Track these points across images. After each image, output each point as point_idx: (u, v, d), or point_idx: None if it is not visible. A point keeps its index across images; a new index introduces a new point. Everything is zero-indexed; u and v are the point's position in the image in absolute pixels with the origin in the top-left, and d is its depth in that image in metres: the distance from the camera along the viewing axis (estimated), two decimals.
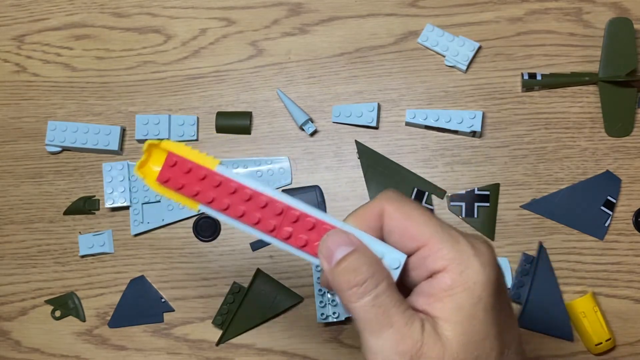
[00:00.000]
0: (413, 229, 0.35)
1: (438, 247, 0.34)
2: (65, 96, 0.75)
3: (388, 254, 0.36)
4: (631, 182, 0.70)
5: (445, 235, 0.35)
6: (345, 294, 0.35)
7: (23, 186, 0.74)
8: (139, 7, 0.76)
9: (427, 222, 0.35)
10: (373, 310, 0.34)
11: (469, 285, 0.34)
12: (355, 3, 0.74)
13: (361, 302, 0.34)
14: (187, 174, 0.38)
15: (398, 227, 0.35)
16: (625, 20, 0.69)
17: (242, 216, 0.38)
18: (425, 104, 0.72)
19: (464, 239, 0.35)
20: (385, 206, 0.36)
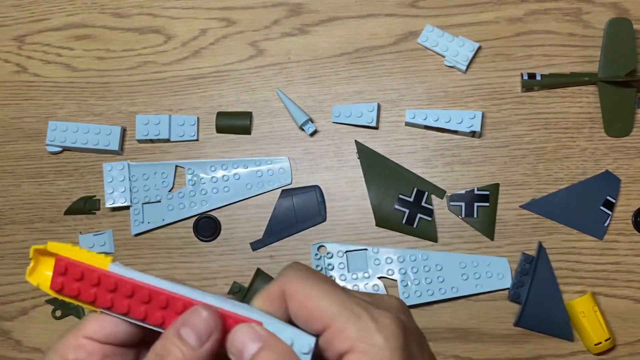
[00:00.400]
0: (316, 311, 0.34)
1: (342, 327, 0.33)
2: (65, 96, 0.75)
3: (297, 338, 0.34)
4: (630, 182, 0.70)
5: (347, 313, 0.33)
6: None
7: (24, 186, 0.74)
8: (140, 8, 0.76)
9: (329, 301, 0.34)
10: None
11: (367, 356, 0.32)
12: (355, 3, 0.74)
13: None
14: (80, 280, 0.36)
15: (301, 309, 0.34)
16: (625, 21, 0.69)
17: (145, 318, 0.35)
18: (425, 104, 0.72)
19: (366, 314, 0.34)
20: (287, 286, 0.35)
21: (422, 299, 0.68)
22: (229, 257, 0.71)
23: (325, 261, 0.69)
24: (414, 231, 0.70)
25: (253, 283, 0.70)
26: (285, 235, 0.71)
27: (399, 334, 0.33)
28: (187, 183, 0.72)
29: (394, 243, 0.70)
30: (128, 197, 0.71)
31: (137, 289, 0.35)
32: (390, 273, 0.69)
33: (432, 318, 0.69)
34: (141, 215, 0.72)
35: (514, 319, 0.68)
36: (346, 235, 0.71)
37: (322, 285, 0.34)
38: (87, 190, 0.74)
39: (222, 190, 0.72)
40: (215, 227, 0.72)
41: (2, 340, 0.72)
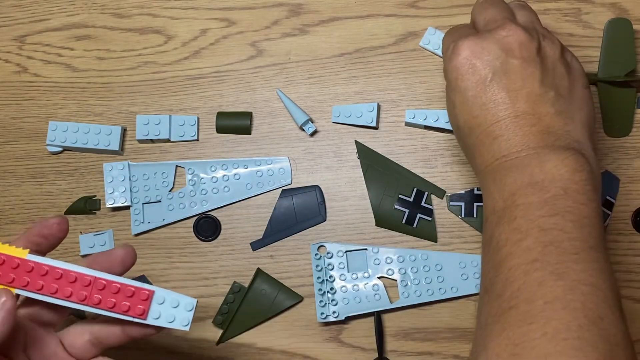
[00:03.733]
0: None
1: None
2: (66, 96, 0.75)
3: (182, 300, 0.48)
4: (630, 182, 0.70)
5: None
6: None
7: (24, 186, 0.74)
8: (140, 8, 0.76)
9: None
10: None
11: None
12: (355, 4, 0.74)
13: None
14: (1, 265, 0.45)
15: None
16: (625, 21, 0.69)
17: (55, 292, 0.45)
18: (425, 104, 0.72)
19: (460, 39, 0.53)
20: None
21: (422, 299, 0.68)
22: (229, 257, 0.71)
23: (325, 261, 0.69)
24: (413, 231, 0.70)
25: (253, 283, 0.70)
26: (285, 235, 0.71)
27: (470, 51, 0.53)
28: (187, 183, 0.72)
29: (393, 243, 0.70)
30: (128, 197, 0.72)
31: (50, 270, 0.45)
32: (390, 273, 0.69)
33: (432, 318, 0.69)
34: (141, 215, 0.72)
35: None
36: (346, 235, 0.71)
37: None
38: (87, 190, 0.74)
39: (222, 190, 0.72)
40: (215, 227, 0.72)
41: None
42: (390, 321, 0.69)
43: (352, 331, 0.69)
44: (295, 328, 0.70)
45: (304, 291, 0.70)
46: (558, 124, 0.49)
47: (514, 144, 0.49)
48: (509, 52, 0.50)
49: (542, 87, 0.50)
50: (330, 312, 0.68)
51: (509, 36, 0.50)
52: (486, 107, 0.50)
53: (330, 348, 0.69)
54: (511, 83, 0.50)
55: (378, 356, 0.68)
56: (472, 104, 0.50)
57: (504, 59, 0.50)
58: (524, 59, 0.50)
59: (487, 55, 0.50)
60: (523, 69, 0.50)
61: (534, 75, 0.50)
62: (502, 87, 0.50)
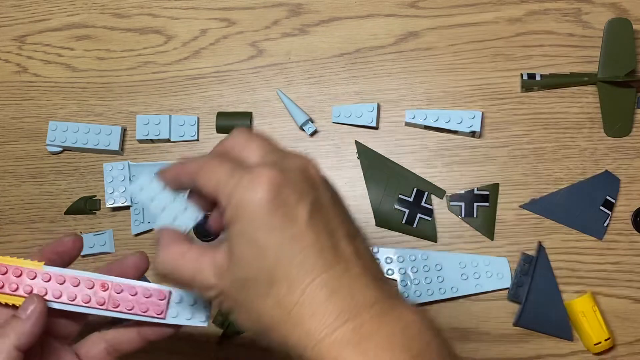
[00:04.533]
0: (211, 183, 0.41)
1: (223, 188, 0.40)
2: (66, 96, 0.75)
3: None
4: (630, 182, 0.70)
5: (228, 174, 0.40)
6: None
7: (24, 186, 0.74)
8: (140, 8, 0.76)
9: (219, 172, 0.41)
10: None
11: (237, 212, 0.39)
12: (355, 3, 0.74)
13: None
14: (19, 277, 0.47)
15: (204, 184, 0.42)
16: (624, 21, 0.69)
17: (74, 299, 0.46)
18: (425, 104, 0.72)
19: (245, 173, 0.40)
20: (196, 169, 0.43)
21: (422, 299, 0.68)
22: None
23: None
24: (413, 231, 0.70)
25: None
26: None
27: (270, 185, 0.39)
28: None
29: (393, 243, 0.70)
30: (128, 197, 0.72)
31: (67, 279, 0.46)
32: (390, 273, 0.69)
33: None
34: (141, 215, 0.72)
35: (514, 318, 0.68)
36: None
37: (217, 161, 0.42)
38: (87, 190, 0.74)
39: None
40: None
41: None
42: None
43: None
44: None
45: None
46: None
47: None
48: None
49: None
50: None
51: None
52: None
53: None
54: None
55: None
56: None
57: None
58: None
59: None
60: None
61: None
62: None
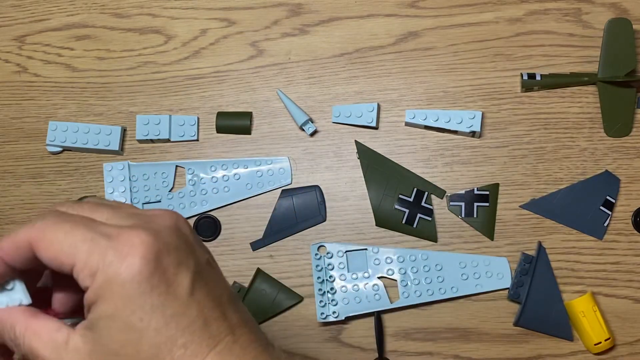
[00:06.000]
0: (60, 253, 0.34)
1: (84, 262, 0.33)
2: (66, 96, 0.75)
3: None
4: (630, 182, 0.70)
5: (89, 247, 0.33)
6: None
7: (24, 186, 0.74)
8: (140, 8, 0.76)
9: (71, 240, 0.34)
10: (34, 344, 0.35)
11: (105, 292, 0.33)
12: (355, 3, 0.74)
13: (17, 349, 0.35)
14: None
15: (48, 254, 0.34)
16: (624, 21, 0.69)
17: None
18: (425, 104, 0.72)
19: (110, 242, 0.33)
20: (32, 235, 0.34)
21: (422, 299, 0.68)
22: (229, 257, 0.71)
23: (325, 261, 0.69)
24: (413, 231, 0.70)
25: (253, 283, 0.70)
26: (285, 235, 0.71)
27: (146, 253, 0.33)
28: (187, 183, 0.72)
29: (394, 243, 0.70)
30: (128, 197, 0.72)
31: None
32: (390, 273, 0.69)
33: (432, 318, 0.69)
34: None
35: (514, 318, 0.68)
36: (346, 235, 0.71)
37: (65, 226, 0.34)
38: (87, 190, 0.74)
39: (222, 190, 0.72)
40: (215, 227, 0.72)
41: None
42: (390, 321, 0.69)
43: (352, 331, 0.69)
44: (295, 328, 0.70)
45: (304, 291, 0.70)
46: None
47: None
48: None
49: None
50: (330, 312, 0.68)
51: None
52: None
53: (330, 348, 0.69)
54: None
55: (378, 356, 0.68)
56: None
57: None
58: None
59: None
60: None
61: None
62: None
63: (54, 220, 0.35)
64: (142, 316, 0.33)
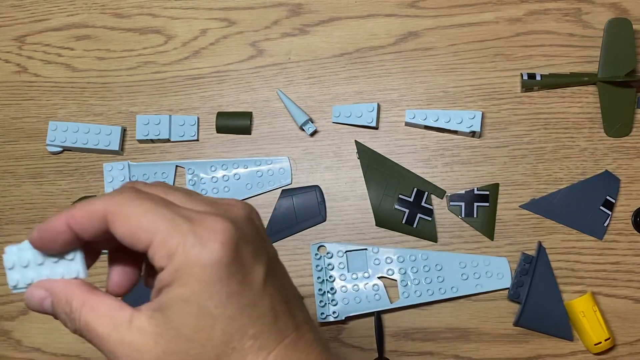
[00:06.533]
0: (137, 229, 0.33)
1: (162, 241, 0.33)
2: (66, 96, 0.75)
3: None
4: (630, 182, 0.70)
5: (168, 227, 0.33)
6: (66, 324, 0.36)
7: (24, 186, 0.74)
8: (140, 8, 0.76)
9: (150, 218, 0.33)
10: (86, 320, 0.34)
11: (181, 275, 0.32)
12: (355, 4, 0.74)
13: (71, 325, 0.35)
14: None
15: (124, 229, 0.34)
16: (624, 21, 0.69)
17: None
18: (425, 104, 0.72)
19: (189, 225, 0.33)
20: (109, 208, 0.34)
21: (422, 299, 0.68)
22: None
23: (325, 261, 0.69)
24: (413, 231, 0.70)
25: None
26: (285, 235, 0.71)
27: (226, 241, 0.33)
28: (187, 183, 0.72)
29: (394, 243, 0.70)
30: None
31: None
32: (390, 273, 0.69)
33: (432, 318, 0.69)
34: None
35: (514, 318, 0.68)
36: (346, 235, 0.71)
37: (145, 203, 0.34)
38: (87, 190, 0.74)
39: (222, 190, 0.72)
40: None
41: (2, 340, 0.72)
42: (390, 321, 0.69)
43: (352, 331, 0.69)
44: None
45: (304, 291, 0.70)
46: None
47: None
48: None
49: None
50: (330, 312, 0.68)
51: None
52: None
53: (330, 348, 0.69)
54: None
55: (378, 356, 0.68)
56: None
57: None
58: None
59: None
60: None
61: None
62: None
63: (133, 195, 0.34)
64: (218, 302, 0.32)
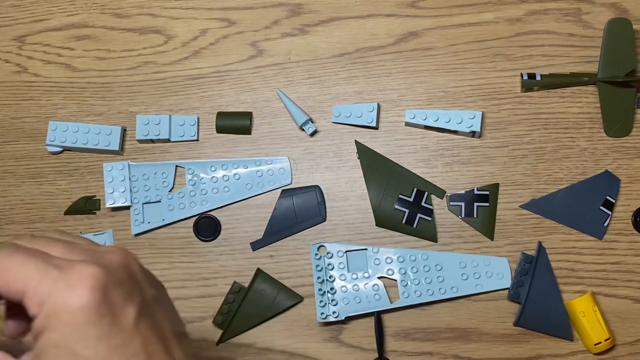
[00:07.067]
0: (12, 281, 0.34)
1: (34, 291, 0.34)
2: (66, 96, 0.75)
3: None
4: (630, 182, 0.70)
5: (39, 276, 0.34)
6: None
7: (24, 186, 0.74)
8: (140, 8, 0.76)
9: (24, 269, 0.34)
10: None
11: (52, 321, 0.33)
12: (355, 3, 0.74)
13: None
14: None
15: (2, 284, 0.35)
16: (624, 21, 0.69)
17: None
18: (425, 104, 0.72)
19: (59, 272, 0.34)
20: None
21: (422, 299, 0.68)
22: (229, 257, 0.71)
23: (325, 261, 0.69)
24: (413, 231, 0.70)
25: (253, 283, 0.70)
26: (285, 235, 0.71)
27: (95, 285, 0.34)
28: (187, 183, 0.72)
29: (394, 243, 0.70)
30: (128, 197, 0.71)
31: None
32: (390, 273, 0.69)
33: (432, 318, 0.69)
34: (141, 215, 0.72)
35: (514, 318, 0.68)
36: (346, 235, 0.71)
37: (19, 256, 0.35)
38: (87, 190, 0.74)
39: (222, 190, 0.72)
40: (215, 227, 0.72)
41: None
42: (390, 321, 0.69)
43: (352, 331, 0.69)
44: (295, 328, 0.70)
45: (304, 291, 0.70)
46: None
47: None
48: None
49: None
50: (330, 312, 0.68)
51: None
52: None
53: (330, 348, 0.69)
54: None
55: (378, 356, 0.68)
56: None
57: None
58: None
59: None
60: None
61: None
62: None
63: (9, 251, 0.35)
64: (89, 344, 0.33)
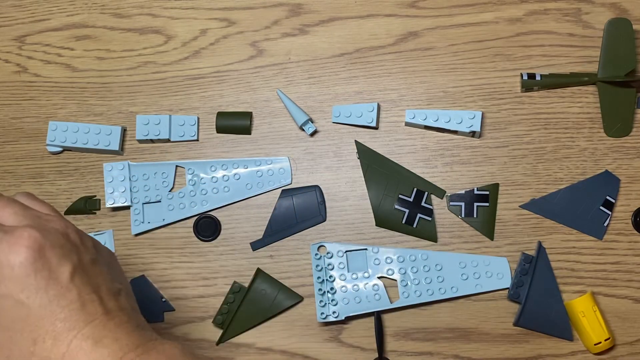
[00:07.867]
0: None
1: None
2: (66, 96, 0.75)
3: None
4: (630, 182, 0.70)
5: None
6: None
7: (24, 186, 0.74)
8: (140, 8, 0.76)
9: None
10: None
11: (1, 274, 0.42)
12: (355, 4, 0.74)
13: None
14: None
15: None
16: (624, 21, 0.69)
17: None
18: (425, 104, 0.72)
19: (1, 233, 0.43)
20: None
21: (422, 299, 0.68)
22: (229, 257, 0.71)
23: (325, 261, 0.69)
24: (413, 231, 0.70)
25: (253, 283, 0.70)
26: (285, 235, 0.71)
27: (31, 245, 0.42)
28: (187, 183, 0.72)
29: (393, 243, 0.70)
30: (128, 197, 0.72)
31: None
32: (390, 273, 0.69)
33: (432, 318, 0.69)
34: (141, 215, 0.72)
35: (514, 318, 0.68)
36: (346, 235, 0.71)
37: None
38: (87, 190, 0.74)
39: (222, 190, 0.72)
40: (215, 227, 0.72)
41: None
42: (390, 321, 0.69)
43: (352, 331, 0.69)
44: (295, 328, 0.70)
45: (304, 291, 0.70)
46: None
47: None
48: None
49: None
50: (330, 312, 0.68)
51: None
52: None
53: (330, 348, 0.69)
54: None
55: (378, 356, 0.68)
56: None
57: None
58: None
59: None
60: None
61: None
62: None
63: None
64: (30, 295, 0.41)
